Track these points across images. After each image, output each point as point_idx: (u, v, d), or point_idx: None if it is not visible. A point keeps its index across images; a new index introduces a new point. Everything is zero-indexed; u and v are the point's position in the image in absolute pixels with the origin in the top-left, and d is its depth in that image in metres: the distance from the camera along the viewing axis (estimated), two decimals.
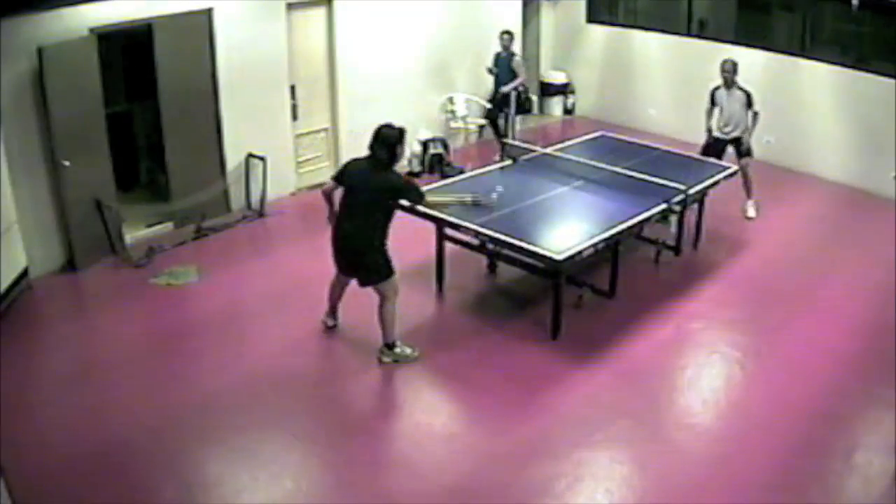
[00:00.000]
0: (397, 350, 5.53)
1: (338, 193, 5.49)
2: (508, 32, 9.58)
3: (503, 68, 9.61)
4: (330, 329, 5.93)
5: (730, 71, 7.56)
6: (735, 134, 7.76)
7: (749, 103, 7.61)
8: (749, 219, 8.04)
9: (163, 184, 7.91)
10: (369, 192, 5.22)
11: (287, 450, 4.84)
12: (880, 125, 8.43)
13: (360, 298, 6.37)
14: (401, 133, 5.28)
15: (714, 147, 7.87)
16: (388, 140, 5.23)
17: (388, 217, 5.31)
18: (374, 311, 6.25)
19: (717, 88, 7.78)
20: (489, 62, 9.70)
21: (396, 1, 9.13)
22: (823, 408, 5.16)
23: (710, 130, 7.92)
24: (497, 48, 9.63)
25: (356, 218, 5.27)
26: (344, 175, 5.42)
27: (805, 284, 6.80)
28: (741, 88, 7.64)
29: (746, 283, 6.84)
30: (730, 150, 7.87)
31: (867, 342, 5.90)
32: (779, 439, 4.86)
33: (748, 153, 7.77)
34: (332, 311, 5.93)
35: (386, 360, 5.52)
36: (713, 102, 7.83)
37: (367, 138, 9.59)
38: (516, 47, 10.81)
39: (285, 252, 7.43)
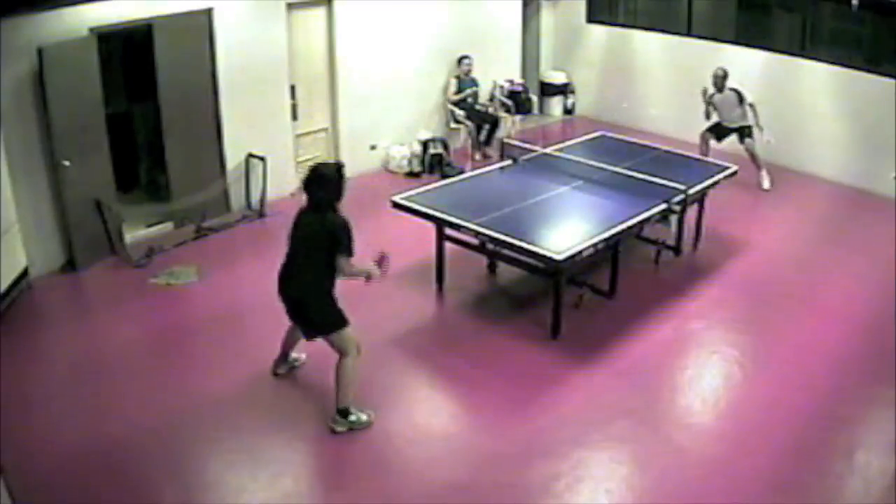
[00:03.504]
0: (352, 418, 4.88)
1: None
2: (469, 57, 9.72)
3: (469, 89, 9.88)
4: (278, 376, 5.44)
5: (720, 77, 8.66)
6: (738, 124, 8.77)
7: (740, 100, 8.65)
8: (765, 190, 8.78)
9: (163, 184, 7.91)
10: (309, 235, 4.73)
11: (287, 450, 4.84)
12: (880, 125, 8.43)
13: (361, 301, 6.37)
14: (338, 168, 4.76)
15: (717, 128, 8.92)
16: (324, 178, 4.68)
17: (329, 263, 4.68)
18: (378, 311, 6.27)
19: (712, 95, 8.77)
20: (453, 88, 9.80)
21: (396, 1, 9.13)
22: (823, 407, 5.16)
23: (711, 120, 8.93)
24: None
25: (298, 264, 4.81)
26: (293, 225, 4.88)
27: (805, 284, 6.80)
28: (731, 89, 8.68)
29: (747, 283, 6.84)
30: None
31: (867, 342, 5.90)
32: (779, 439, 4.86)
33: (749, 135, 8.73)
34: (284, 357, 5.44)
35: (340, 429, 4.87)
36: (713, 107, 8.82)
37: (367, 138, 9.67)
38: (515, 48, 10.87)
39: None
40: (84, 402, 5.24)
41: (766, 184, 8.82)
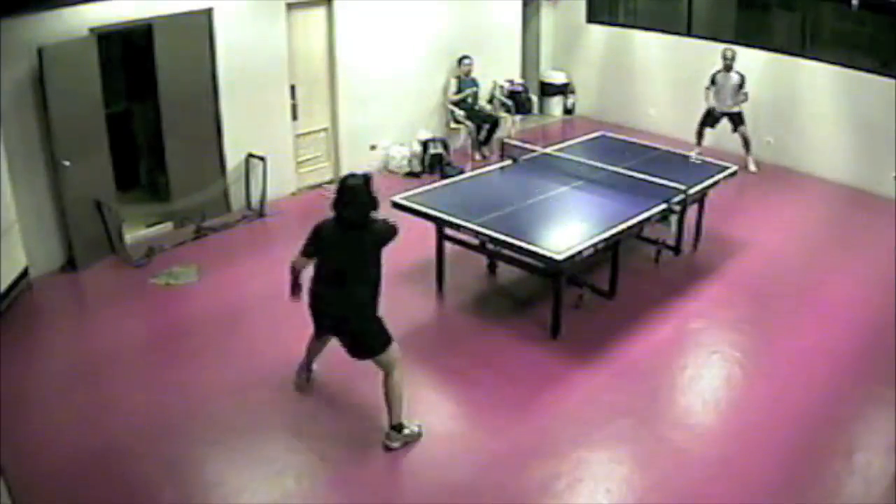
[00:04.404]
0: (406, 432, 4.75)
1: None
2: (469, 57, 9.74)
3: (470, 92, 9.91)
4: (302, 387, 5.28)
5: (730, 58, 9.02)
6: (731, 109, 9.12)
7: (741, 84, 9.03)
8: (752, 172, 9.13)
9: (163, 184, 7.91)
10: (351, 253, 4.51)
11: (287, 449, 4.84)
12: (880, 125, 8.43)
13: None
14: (366, 181, 4.47)
15: (710, 117, 9.29)
16: (359, 195, 4.43)
17: (378, 276, 4.58)
18: (381, 311, 6.26)
19: (717, 72, 9.13)
20: (453, 88, 9.83)
21: (396, 1, 9.14)
22: (823, 407, 5.17)
23: (710, 107, 9.26)
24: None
25: (340, 284, 4.57)
26: (316, 241, 4.66)
27: (805, 284, 6.80)
28: (737, 72, 9.04)
29: (746, 283, 6.84)
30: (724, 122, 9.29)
31: (867, 342, 5.90)
32: (778, 439, 4.87)
33: (742, 122, 9.16)
34: (308, 365, 5.27)
35: (395, 445, 4.71)
36: (713, 83, 9.18)
37: (367, 138, 9.67)
38: (515, 48, 10.87)
39: (285, 252, 7.36)
40: (84, 402, 5.23)
41: (752, 167, 9.18)
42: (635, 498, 4.44)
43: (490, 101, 10.42)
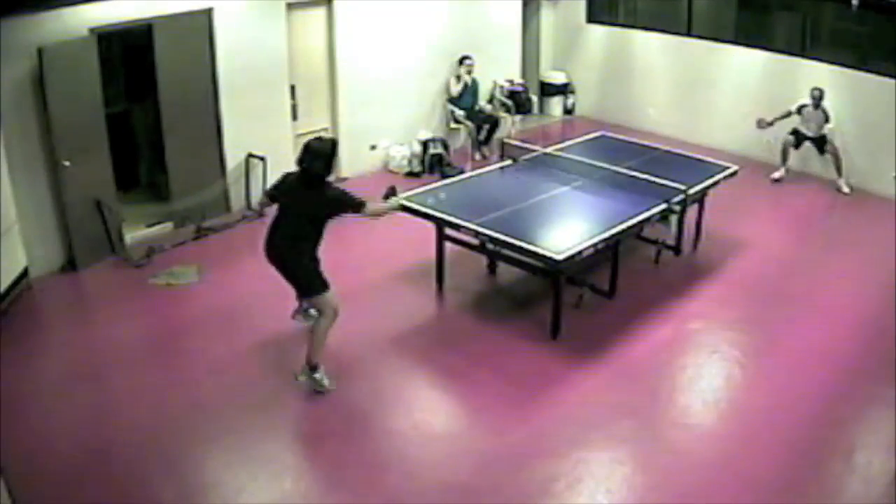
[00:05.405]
0: (317, 376, 5.21)
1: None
2: (470, 57, 9.75)
3: (470, 93, 9.91)
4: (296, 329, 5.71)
5: (818, 97, 8.75)
6: (815, 134, 8.91)
7: (827, 119, 8.78)
8: (845, 194, 8.79)
9: (163, 184, 7.92)
10: (302, 207, 5.01)
11: (287, 449, 4.84)
12: (880, 125, 8.43)
13: (362, 301, 6.36)
14: (333, 145, 5.04)
15: (797, 137, 9.03)
16: (320, 153, 4.93)
17: (319, 233, 5.06)
18: (379, 310, 6.28)
19: (804, 105, 8.83)
20: (455, 88, 9.81)
21: (396, 1, 9.13)
22: (823, 407, 5.16)
23: (796, 127, 9.03)
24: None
25: (286, 233, 5.07)
26: (278, 190, 5.25)
27: (805, 284, 6.80)
28: (823, 109, 8.76)
29: (746, 283, 6.84)
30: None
31: (867, 342, 5.90)
32: (779, 439, 4.86)
33: (825, 142, 8.88)
34: (301, 306, 5.69)
35: (302, 378, 5.22)
36: (799, 113, 8.89)
37: (367, 138, 9.67)
38: (515, 48, 10.87)
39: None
40: (84, 402, 5.23)
41: (844, 188, 8.78)
42: (635, 498, 4.44)
43: (490, 101, 10.43)
